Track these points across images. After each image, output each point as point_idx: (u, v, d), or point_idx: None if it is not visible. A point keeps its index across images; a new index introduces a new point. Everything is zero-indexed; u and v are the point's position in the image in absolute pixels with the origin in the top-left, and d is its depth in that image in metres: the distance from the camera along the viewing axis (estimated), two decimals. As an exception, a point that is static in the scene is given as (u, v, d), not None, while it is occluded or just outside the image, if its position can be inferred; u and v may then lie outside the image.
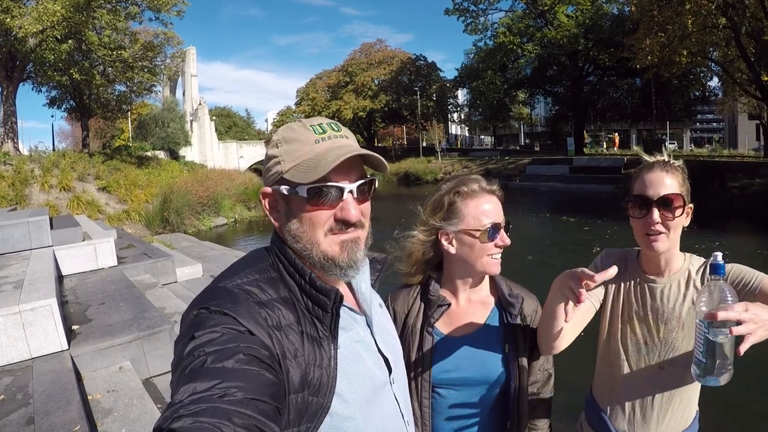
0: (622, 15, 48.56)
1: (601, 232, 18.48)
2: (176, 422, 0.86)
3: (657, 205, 1.95)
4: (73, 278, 7.59)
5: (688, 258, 2.13)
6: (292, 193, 1.24)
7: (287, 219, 1.28)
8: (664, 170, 1.99)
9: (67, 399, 3.95)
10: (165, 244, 13.77)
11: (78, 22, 26.86)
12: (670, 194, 1.94)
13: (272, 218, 1.32)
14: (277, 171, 1.26)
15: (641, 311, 2.13)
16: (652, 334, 2.10)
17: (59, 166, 25.34)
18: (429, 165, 55.11)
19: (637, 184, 2.03)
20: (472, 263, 1.95)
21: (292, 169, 1.24)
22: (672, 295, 2.07)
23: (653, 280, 2.11)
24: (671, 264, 2.09)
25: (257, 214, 28.21)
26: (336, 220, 1.26)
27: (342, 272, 1.28)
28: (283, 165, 1.25)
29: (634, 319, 2.14)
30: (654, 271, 2.12)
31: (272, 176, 1.28)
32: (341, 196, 1.25)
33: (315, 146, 1.26)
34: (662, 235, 1.97)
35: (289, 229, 1.27)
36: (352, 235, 1.28)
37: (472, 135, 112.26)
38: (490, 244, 1.90)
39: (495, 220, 1.90)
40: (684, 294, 2.05)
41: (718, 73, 41.10)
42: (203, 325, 1.05)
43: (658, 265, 2.10)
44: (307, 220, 1.25)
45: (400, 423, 1.41)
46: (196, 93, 62.39)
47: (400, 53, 78.67)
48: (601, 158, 44.75)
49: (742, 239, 15.85)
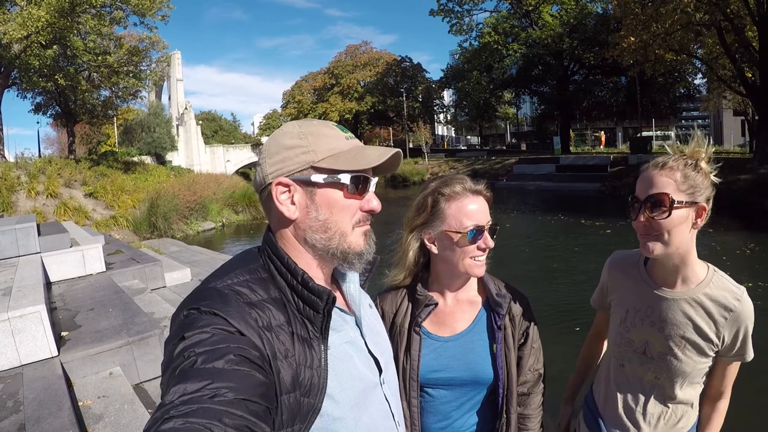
0: (606, 14, 48.79)
1: (594, 231, 18.60)
2: (167, 423, 0.86)
3: (644, 206, 1.88)
4: (61, 284, 7.54)
5: (710, 273, 1.97)
6: (331, 179, 1.26)
7: (310, 210, 1.28)
8: (658, 169, 1.89)
9: (58, 405, 3.93)
10: (153, 249, 13.68)
11: (63, 27, 26.69)
12: (656, 194, 1.84)
13: (284, 211, 1.27)
14: (304, 161, 1.26)
15: (644, 321, 2.06)
16: (651, 346, 2.04)
17: (45, 173, 25.14)
18: (416, 166, 55.03)
19: (637, 183, 1.97)
20: (454, 264, 1.95)
21: (330, 158, 1.26)
22: (680, 311, 1.97)
23: (663, 291, 2.01)
24: (684, 273, 1.96)
25: (245, 218, 28.20)
26: (363, 211, 1.32)
27: (360, 261, 1.33)
28: (313, 155, 1.25)
29: (636, 327, 2.09)
30: (663, 279, 2.02)
31: (295, 166, 1.26)
32: (368, 188, 1.31)
33: (346, 142, 1.30)
34: (655, 236, 1.87)
35: (316, 219, 1.27)
36: (367, 227, 1.35)
37: (459, 135, 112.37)
38: (472, 247, 1.90)
39: (478, 222, 1.89)
40: (693, 315, 1.94)
41: (702, 70, 41.33)
42: (193, 326, 1.05)
43: (668, 272, 1.99)
44: (341, 208, 1.28)
45: (390, 424, 1.41)
46: (182, 97, 62.10)
47: (385, 55, 78.95)
48: (587, 156, 44.90)
49: (727, 234, 15.94)
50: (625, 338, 2.12)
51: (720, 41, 29.22)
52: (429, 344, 2.00)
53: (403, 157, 1.58)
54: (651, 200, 1.85)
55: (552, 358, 2.31)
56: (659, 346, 2.01)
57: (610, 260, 2.29)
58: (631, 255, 2.21)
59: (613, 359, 2.21)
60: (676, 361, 1.98)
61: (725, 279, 1.96)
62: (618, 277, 2.22)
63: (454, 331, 2.02)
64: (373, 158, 1.26)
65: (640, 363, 2.08)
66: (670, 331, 1.98)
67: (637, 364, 2.09)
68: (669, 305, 1.98)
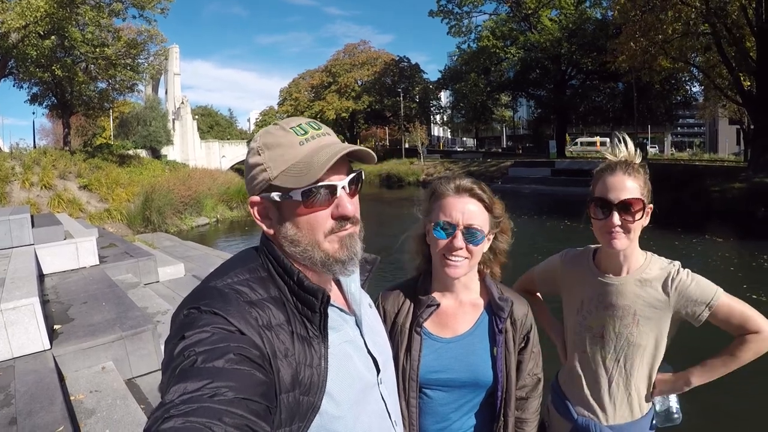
0: (605, 19, 48.99)
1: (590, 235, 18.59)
2: (167, 422, 0.86)
3: (617, 209, 2.03)
4: (54, 277, 7.50)
5: (648, 257, 2.21)
6: (285, 198, 1.24)
7: (281, 225, 1.28)
8: (626, 173, 2.05)
9: (50, 399, 3.92)
10: (147, 243, 13.65)
11: (61, 17, 26.64)
12: (631, 199, 2.02)
13: (264, 226, 1.30)
14: (263, 178, 1.26)
15: (599, 307, 2.24)
16: (607, 329, 2.21)
17: (40, 164, 25.13)
18: (411, 166, 55.31)
19: (599, 185, 2.10)
20: (435, 261, 2.00)
21: (281, 174, 1.24)
22: (628, 293, 2.16)
23: (610, 278, 2.21)
24: (630, 262, 2.18)
25: (239, 214, 28.21)
26: (334, 218, 1.27)
27: (344, 267, 1.30)
28: (270, 172, 1.25)
29: (592, 314, 2.26)
30: (612, 268, 2.22)
31: (259, 184, 1.27)
32: (335, 194, 1.26)
33: (300, 148, 1.25)
34: (622, 234, 2.06)
35: (286, 234, 1.27)
36: (349, 231, 1.30)
37: (455, 137, 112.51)
38: (442, 244, 1.90)
39: (450, 219, 1.89)
40: (640, 293, 2.14)
41: (699, 78, 41.46)
42: (193, 325, 1.06)
43: (616, 263, 2.20)
44: (305, 223, 1.26)
45: (387, 423, 1.41)
46: (178, 92, 61.98)
47: (383, 54, 79.07)
48: (583, 161, 44.97)
49: (718, 241, 16.02)
50: (584, 326, 2.30)
51: (718, 50, 29.34)
52: (430, 345, 1.99)
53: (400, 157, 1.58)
54: (625, 204, 2.03)
55: (550, 363, 2.33)
56: (616, 327, 2.20)
57: (564, 258, 2.47)
58: (584, 251, 2.42)
59: (575, 347, 2.34)
60: (632, 337, 2.17)
61: (661, 259, 2.21)
62: (571, 271, 2.39)
63: (456, 332, 2.01)
64: (318, 167, 1.20)
65: (600, 347, 2.25)
66: (623, 312, 2.17)
67: (598, 348, 2.25)
68: (618, 289, 2.19)
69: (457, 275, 1.93)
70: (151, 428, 0.87)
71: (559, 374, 2.50)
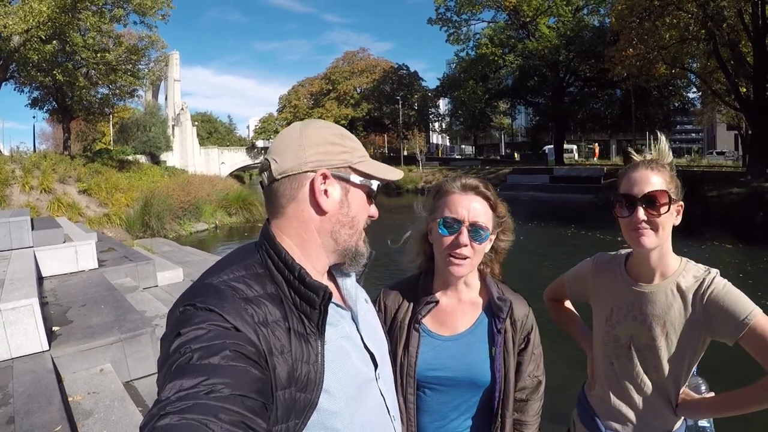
0: (602, 27, 49.17)
1: (589, 241, 18.63)
2: (163, 419, 0.86)
3: (642, 203, 1.95)
4: (53, 279, 7.53)
5: (683, 263, 2.08)
6: (364, 182, 1.37)
7: (342, 206, 1.34)
8: (649, 168, 1.99)
9: (48, 400, 3.92)
10: (145, 248, 13.66)
11: (63, 22, 26.59)
12: (655, 191, 1.94)
13: (321, 201, 1.29)
14: (344, 159, 1.34)
15: (627, 317, 2.13)
16: (636, 339, 2.10)
17: (40, 168, 25.11)
18: (410, 174, 55.15)
19: (624, 182, 2.04)
20: (438, 259, 1.99)
21: (364, 162, 1.38)
22: (659, 302, 2.04)
23: (641, 286, 2.10)
24: (662, 266, 2.06)
25: (238, 220, 28.21)
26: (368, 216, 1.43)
27: (361, 262, 1.42)
28: (351, 156, 1.35)
29: (620, 324, 2.16)
30: (644, 275, 2.11)
31: (337, 162, 1.33)
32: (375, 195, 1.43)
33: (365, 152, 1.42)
34: (649, 230, 1.96)
35: (346, 214, 1.34)
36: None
37: (453, 144, 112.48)
38: (447, 241, 1.89)
39: (455, 216, 1.88)
40: (672, 303, 2.02)
41: (697, 84, 41.50)
42: (189, 322, 1.05)
43: (647, 268, 2.08)
44: (363, 210, 1.39)
45: (385, 418, 1.41)
46: (178, 98, 62.04)
47: (382, 62, 79.07)
48: (581, 168, 45.07)
49: (717, 246, 16.03)
50: (612, 335, 2.19)
51: (715, 56, 29.41)
52: (428, 342, 1.98)
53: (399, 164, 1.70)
54: (649, 197, 1.94)
55: (553, 367, 2.33)
56: (644, 338, 2.08)
57: (595, 262, 2.35)
58: (615, 257, 2.30)
59: (602, 357, 2.25)
60: (661, 349, 2.04)
61: (698, 266, 2.06)
62: (601, 278, 2.29)
63: (455, 331, 2.00)
64: (392, 173, 1.43)
65: (628, 358, 2.13)
66: (652, 322, 2.05)
67: (626, 360, 2.14)
68: (649, 298, 2.07)
69: (460, 274, 1.92)
70: (148, 425, 0.87)
71: (585, 385, 2.42)
